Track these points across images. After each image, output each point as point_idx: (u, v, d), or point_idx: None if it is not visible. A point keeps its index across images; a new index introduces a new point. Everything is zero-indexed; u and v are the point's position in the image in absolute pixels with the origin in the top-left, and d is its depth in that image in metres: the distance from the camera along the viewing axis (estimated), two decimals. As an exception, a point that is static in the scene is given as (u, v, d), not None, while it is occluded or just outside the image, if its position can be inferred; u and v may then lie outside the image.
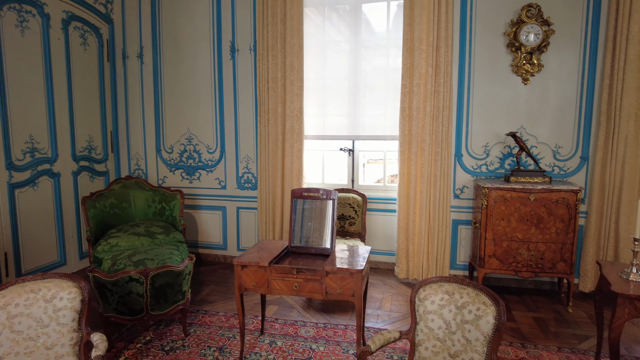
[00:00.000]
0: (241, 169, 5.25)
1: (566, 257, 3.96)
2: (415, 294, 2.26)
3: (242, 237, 5.35)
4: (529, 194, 3.95)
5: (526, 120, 4.46)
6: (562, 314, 3.98)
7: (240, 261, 2.98)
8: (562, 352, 3.31)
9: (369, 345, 2.14)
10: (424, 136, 4.51)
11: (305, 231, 3.29)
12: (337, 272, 2.83)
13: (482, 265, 4.11)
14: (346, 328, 3.67)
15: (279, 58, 4.74)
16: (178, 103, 5.33)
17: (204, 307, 4.08)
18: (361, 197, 4.65)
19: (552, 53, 4.34)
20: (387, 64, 4.81)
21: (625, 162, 4.10)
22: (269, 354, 3.26)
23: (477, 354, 2.03)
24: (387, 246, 5.02)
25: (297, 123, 4.78)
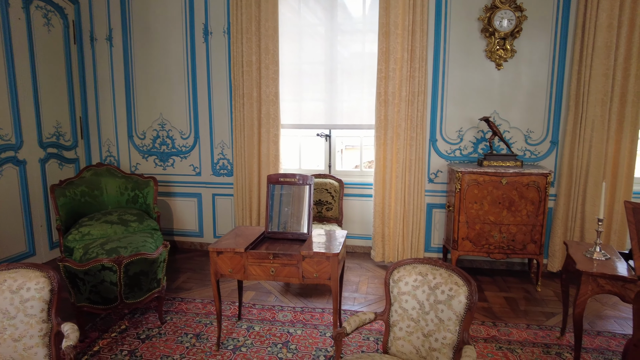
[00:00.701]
0: (216, 155, 5.17)
1: (536, 239, 4.10)
2: (389, 275, 2.30)
3: (218, 224, 5.30)
4: (501, 177, 4.05)
5: (499, 105, 4.54)
6: (532, 293, 4.13)
7: (215, 247, 2.95)
8: (530, 329, 3.44)
9: (345, 327, 2.17)
10: (400, 121, 4.53)
11: (282, 217, 3.28)
12: (313, 256, 2.85)
13: (455, 247, 4.21)
14: (323, 311, 3.71)
15: (253, 41, 4.65)
16: (150, 87, 5.18)
17: (180, 295, 4.05)
18: (338, 183, 4.67)
19: (524, 39, 4.41)
20: (363, 49, 4.79)
21: (592, 147, 4.24)
22: (247, 339, 3.27)
23: (450, 332, 2.09)
24: (364, 230, 5.07)
25: (273, 108, 4.72)
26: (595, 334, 3.37)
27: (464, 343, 2.04)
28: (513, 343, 3.23)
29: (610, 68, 4.11)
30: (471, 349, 1.97)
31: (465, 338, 2.05)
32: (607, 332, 3.41)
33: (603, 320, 3.60)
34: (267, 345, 3.17)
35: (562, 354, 3.08)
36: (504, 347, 3.17)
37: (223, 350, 3.11)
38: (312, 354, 3.06)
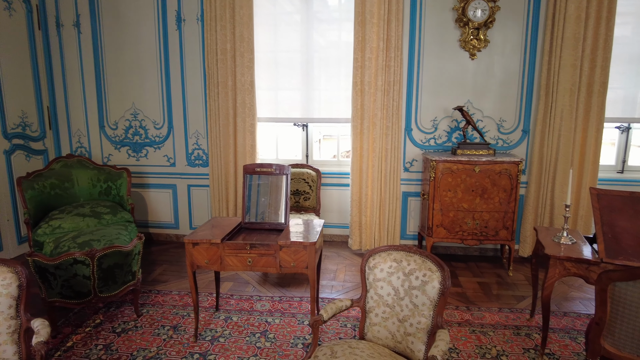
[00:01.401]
0: (191, 145, 5.08)
1: (508, 225, 4.22)
2: (365, 263, 2.33)
3: (194, 216, 5.24)
4: (474, 165, 4.14)
5: (473, 94, 4.62)
6: (504, 278, 4.26)
7: (191, 239, 2.92)
8: (502, 312, 3.56)
9: (322, 314, 2.20)
10: (376, 111, 4.56)
11: (259, 207, 3.27)
12: (290, 245, 2.85)
13: (430, 234, 4.29)
14: (301, 300, 3.73)
15: (227, 29, 4.56)
16: (122, 76, 5.03)
17: (156, 287, 4.00)
18: (315, 172, 4.67)
19: (497, 29, 4.47)
20: (339, 37, 4.77)
21: (561, 135, 4.37)
22: (225, 329, 3.27)
23: (424, 317, 2.14)
24: (342, 219, 5.11)
25: (249, 97, 4.67)
26: (562, 314, 3.52)
27: (438, 327, 2.09)
28: (486, 326, 3.33)
29: (578, 59, 4.23)
30: (445, 333, 2.03)
31: (439, 322, 2.11)
32: (573, 312, 3.56)
33: (569, 302, 3.76)
34: (245, 335, 3.18)
35: (532, 335, 3.20)
36: (477, 331, 3.27)
37: (201, 342, 3.10)
38: (290, 342, 3.09)
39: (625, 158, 4.72)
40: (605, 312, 2.03)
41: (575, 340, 3.14)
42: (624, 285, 1.95)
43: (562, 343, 3.10)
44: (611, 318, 2.03)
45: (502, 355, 2.95)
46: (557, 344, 3.09)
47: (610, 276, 1.97)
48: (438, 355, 1.85)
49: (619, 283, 1.96)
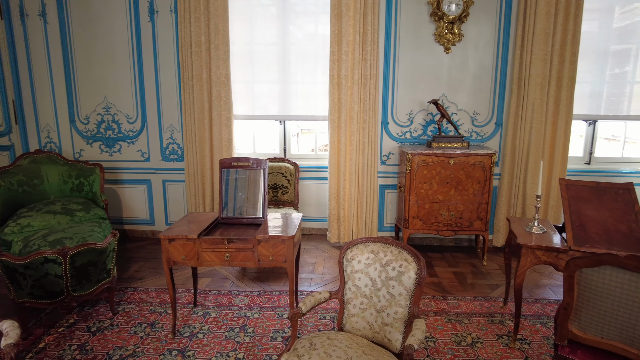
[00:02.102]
0: (165, 140, 4.99)
1: (482, 216, 4.32)
2: (343, 255, 2.35)
3: (170, 211, 5.15)
4: (449, 158, 4.21)
5: (447, 88, 4.69)
6: (478, 267, 4.37)
7: (167, 235, 2.88)
8: (477, 300, 3.66)
9: (300, 307, 2.21)
10: (353, 104, 4.57)
11: (237, 201, 3.25)
12: (269, 239, 2.85)
13: (406, 226, 4.36)
14: (280, 294, 3.74)
15: (202, 21, 4.48)
16: (93, 69, 4.87)
17: (132, 284, 3.93)
18: (293, 166, 4.67)
19: (471, 23, 4.55)
20: (316, 30, 4.76)
21: (532, 128, 4.49)
22: (203, 325, 3.25)
23: (401, 307, 2.18)
24: (320, 213, 5.13)
25: (225, 90, 4.61)
26: (534, 301, 3.64)
27: (415, 316, 2.14)
28: (461, 315, 3.42)
29: (548, 53, 4.34)
30: (421, 322, 2.07)
31: (415, 312, 2.15)
32: (544, 299, 3.69)
33: (540, 289, 3.89)
34: (224, 330, 3.17)
35: (505, 322, 3.31)
36: (453, 319, 3.35)
37: (179, 338, 3.07)
38: (270, 336, 3.09)
39: (592, 150, 4.90)
40: (573, 297, 2.11)
41: (545, 325, 3.26)
42: (589, 271, 2.03)
43: (533, 328, 3.22)
44: (578, 303, 2.12)
45: (477, 343, 3.03)
46: (528, 330, 3.20)
47: (577, 263, 2.05)
48: (415, 344, 1.89)
49: (585, 269, 2.04)
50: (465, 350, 2.94)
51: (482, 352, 2.92)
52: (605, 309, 2.03)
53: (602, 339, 2.09)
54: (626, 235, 2.66)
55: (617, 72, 4.66)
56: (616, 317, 2.01)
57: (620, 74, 4.66)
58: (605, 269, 1.99)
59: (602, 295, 2.02)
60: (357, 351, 2.04)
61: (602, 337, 2.09)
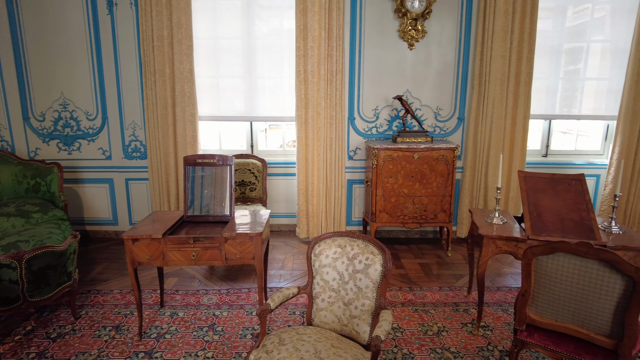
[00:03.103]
0: (127, 137, 4.84)
1: (446, 208, 4.45)
2: (311, 250, 2.37)
3: (134, 211, 5.01)
4: (413, 153, 4.31)
5: (411, 84, 4.77)
6: (443, 258, 4.50)
7: (131, 235, 2.80)
8: (442, 290, 3.77)
9: (269, 303, 2.21)
10: (320, 100, 4.59)
11: (203, 199, 3.20)
12: (236, 237, 2.83)
13: (374, 219, 4.43)
14: (249, 291, 3.72)
15: (164, 14, 4.36)
16: (47, 63, 4.65)
17: (96, 287, 3.81)
18: (261, 163, 4.63)
19: (434, 20, 4.64)
20: (282, 25, 4.72)
21: (493, 122, 4.65)
22: (171, 325, 3.19)
23: (368, 299, 2.22)
24: (289, 209, 5.13)
25: (188, 85, 4.51)
26: (496, 289, 3.79)
27: (381, 308, 2.18)
28: (427, 305, 3.51)
29: (507, 50, 4.50)
30: (388, 313, 2.12)
31: (382, 303, 2.19)
32: (505, 287, 3.84)
33: (502, 277, 4.05)
34: (192, 330, 3.13)
35: (469, 310, 3.43)
36: (420, 309, 3.44)
37: (146, 340, 3.01)
38: (239, 334, 3.08)
39: (548, 143, 5.12)
40: (530, 284, 2.21)
41: (506, 312, 3.40)
42: (545, 258, 2.14)
43: (495, 315, 3.35)
44: (535, 289, 2.22)
45: (443, 331, 3.13)
46: (491, 317, 3.33)
47: (534, 251, 2.15)
48: (382, 335, 1.93)
49: (540, 257, 2.15)
50: (432, 339, 3.03)
51: (447, 340, 3.02)
52: (559, 293, 2.14)
53: (557, 321, 2.21)
54: (578, 223, 2.81)
55: (571, 69, 4.89)
56: (569, 300, 2.12)
57: (574, 70, 4.89)
58: (559, 256, 2.10)
59: (556, 280, 2.13)
60: (325, 344, 2.07)
61: (556, 320, 2.21)
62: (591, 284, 2.03)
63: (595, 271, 2.00)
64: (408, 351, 2.89)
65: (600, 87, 4.92)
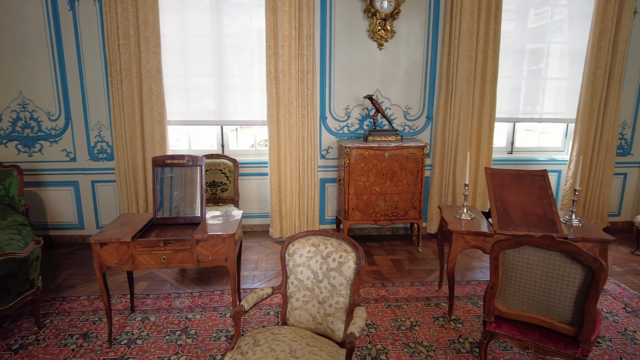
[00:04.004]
0: (93, 138, 4.68)
1: (416, 205, 4.54)
2: (285, 249, 2.37)
3: (101, 214, 4.85)
4: (384, 151, 4.37)
5: (381, 83, 4.84)
6: (414, 254, 4.59)
7: (98, 239, 2.72)
8: (414, 285, 3.84)
9: (243, 305, 2.19)
10: (291, 99, 4.58)
11: (173, 201, 3.14)
12: (208, 239, 2.79)
13: (346, 217, 4.47)
14: (223, 293, 3.68)
15: (130, 11, 4.24)
16: (3, 61, 4.43)
17: (61, 294, 3.67)
18: (232, 162, 4.59)
19: (402, 20, 4.72)
20: (251, 23, 4.68)
21: (460, 121, 4.77)
22: (142, 330, 3.11)
23: (342, 297, 2.24)
24: (262, 209, 5.10)
25: (156, 84, 4.41)
26: (465, 283, 3.90)
27: (355, 305, 2.21)
28: (400, 300, 3.58)
29: (473, 50, 4.63)
30: (361, 310, 2.14)
31: (356, 300, 2.22)
32: (475, 280, 3.96)
33: (471, 271, 4.17)
34: (164, 334, 3.06)
35: (440, 304, 3.51)
36: (392, 305, 3.50)
37: (116, 346, 2.92)
38: (213, 336, 3.04)
39: (513, 140, 5.31)
40: (498, 277, 2.29)
41: (476, 304, 3.51)
42: (511, 252, 2.22)
43: (465, 308, 3.44)
44: (502, 281, 2.30)
45: (415, 326, 3.19)
46: (461, 310, 3.42)
47: (501, 245, 2.23)
48: (356, 332, 1.95)
49: (507, 250, 2.23)
50: (405, 334, 3.08)
51: (420, 334, 3.09)
52: (525, 285, 2.23)
53: (523, 312, 2.30)
54: (541, 217, 2.93)
55: (533, 68, 5.08)
56: (534, 291, 2.21)
57: (536, 70, 5.09)
58: (525, 249, 2.18)
59: (522, 272, 2.21)
60: (300, 343, 2.07)
61: (522, 311, 2.30)
62: (554, 275, 2.12)
63: (558, 262, 2.10)
64: (382, 347, 2.93)
65: (561, 86, 5.14)
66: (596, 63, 4.78)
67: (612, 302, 3.58)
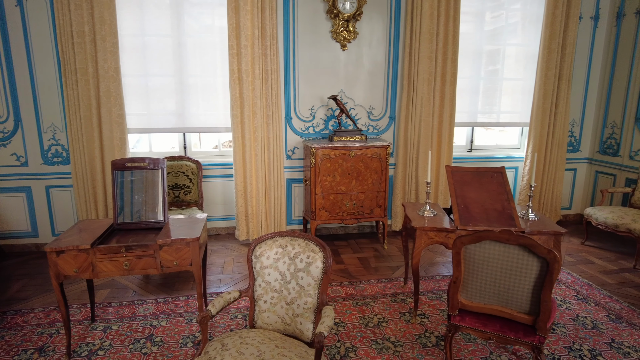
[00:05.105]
0: (47, 141, 4.45)
1: (380, 203, 4.62)
2: (251, 252, 2.35)
3: (57, 221, 4.63)
4: (349, 151, 4.42)
5: (345, 84, 4.89)
6: (380, 251, 4.67)
7: (54, 247, 2.59)
8: (380, 282, 3.91)
9: (209, 309, 2.16)
10: (255, 99, 4.54)
11: (134, 205, 3.04)
12: (171, 243, 2.72)
13: (314, 217, 4.49)
14: (188, 298, 3.60)
15: (84, 8, 4.06)
16: (-57, 60, 4.15)
17: (13, 307, 3.47)
18: (195, 164, 4.50)
19: (365, 21, 4.78)
20: (213, 22, 4.60)
21: (421, 120, 4.89)
22: (104, 340, 3.00)
23: (310, 297, 2.25)
24: (227, 211, 5.03)
25: (114, 85, 4.25)
26: (430, 278, 4.00)
27: (324, 304, 2.22)
28: (367, 297, 3.63)
29: (433, 51, 4.76)
30: (329, 309, 2.16)
31: (324, 300, 2.23)
32: (439, 275, 4.07)
33: (435, 266, 4.29)
34: (128, 343, 2.96)
35: (406, 300, 3.59)
36: (360, 303, 3.54)
37: (75, 359, 2.80)
38: (180, 343, 2.97)
39: (472, 139, 5.50)
40: (460, 271, 2.37)
41: (441, 299, 3.61)
42: (472, 247, 2.30)
43: (430, 303, 3.54)
44: (465, 276, 2.38)
45: (383, 322, 3.25)
46: (426, 305, 3.51)
47: (463, 240, 2.31)
48: (324, 331, 1.96)
49: (469, 245, 2.31)
50: (373, 331, 3.13)
51: (387, 330, 3.14)
52: (486, 278, 2.32)
53: (485, 304, 2.39)
54: (500, 212, 3.05)
55: (491, 69, 5.29)
56: (494, 284, 2.31)
57: (493, 71, 5.29)
58: (485, 243, 2.26)
59: (483, 266, 2.30)
60: (269, 346, 2.06)
61: (484, 303, 2.39)
62: (513, 267, 2.22)
63: (516, 255, 2.19)
64: (351, 344, 2.96)
65: (516, 86, 5.37)
66: (547, 65, 5.04)
67: (565, 290, 3.78)
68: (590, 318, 3.32)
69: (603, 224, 4.56)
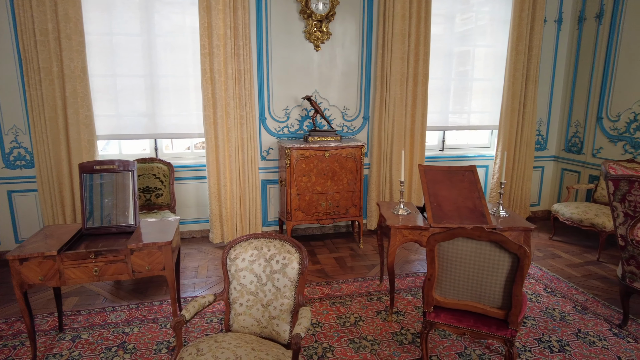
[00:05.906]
0: (8, 144, 4.26)
1: (356, 203, 4.64)
2: (226, 255, 2.31)
3: (20, 227, 4.43)
4: (324, 151, 4.42)
5: (319, 84, 4.89)
6: (356, 250, 4.69)
7: (17, 254, 2.48)
8: (356, 281, 3.93)
9: (183, 314, 2.11)
10: (228, 100, 4.48)
11: (104, 209, 2.95)
12: (143, 248, 2.65)
13: (289, 218, 4.47)
14: (162, 303, 3.52)
15: (47, 5, 3.91)
16: None
17: (-27, 318, 3.30)
18: (167, 166, 4.40)
19: (338, 22, 4.80)
20: (184, 22, 4.52)
21: (394, 120, 4.95)
22: (73, 350, 2.89)
23: (287, 298, 2.23)
24: (201, 214, 4.94)
25: (81, 85, 4.11)
26: (405, 276, 4.05)
27: (300, 305, 2.21)
28: (344, 297, 3.64)
29: (405, 52, 4.82)
30: (306, 310, 2.15)
31: (300, 301, 2.22)
32: (413, 273, 4.13)
33: (409, 264, 4.34)
34: (99, 352, 2.87)
35: (382, 298, 3.62)
36: (337, 302, 3.55)
37: (41, 370, 2.69)
38: (153, 349, 2.89)
39: (444, 138, 5.60)
40: (434, 268, 2.41)
41: (416, 296, 3.66)
42: (446, 244, 2.34)
43: (406, 301, 3.58)
44: (439, 273, 2.42)
45: (360, 321, 3.26)
46: (402, 302, 3.55)
47: (436, 238, 2.34)
48: (301, 332, 1.95)
49: (442, 243, 2.35)
50: (350, 330, 3.14)
51: (364, 329, 3.16)
52: (459, 274, 2.36)
53: (459, 300, 2.43)
54: (472, 210, 3.12)
55: (461, 70, 5.40)
56: (467, 280, 2.35)
57: (464, 71, 5.41)
58: (458, 240, 2.31)
59: (457, 263, 2.34)
60: (246, 349, 2.04)
61: (458, 299, 2.43)
62: (485, 263, 2.27)
63: (488, 252, 2.24)
64: (328, 344, 2.96)
65: (486, 87, 5.51)
66: (515, 66, 5.19)
67: (534, 284, 3.91)
68: (559, 310, 3.44)
69: (569, 219, 4.73)
